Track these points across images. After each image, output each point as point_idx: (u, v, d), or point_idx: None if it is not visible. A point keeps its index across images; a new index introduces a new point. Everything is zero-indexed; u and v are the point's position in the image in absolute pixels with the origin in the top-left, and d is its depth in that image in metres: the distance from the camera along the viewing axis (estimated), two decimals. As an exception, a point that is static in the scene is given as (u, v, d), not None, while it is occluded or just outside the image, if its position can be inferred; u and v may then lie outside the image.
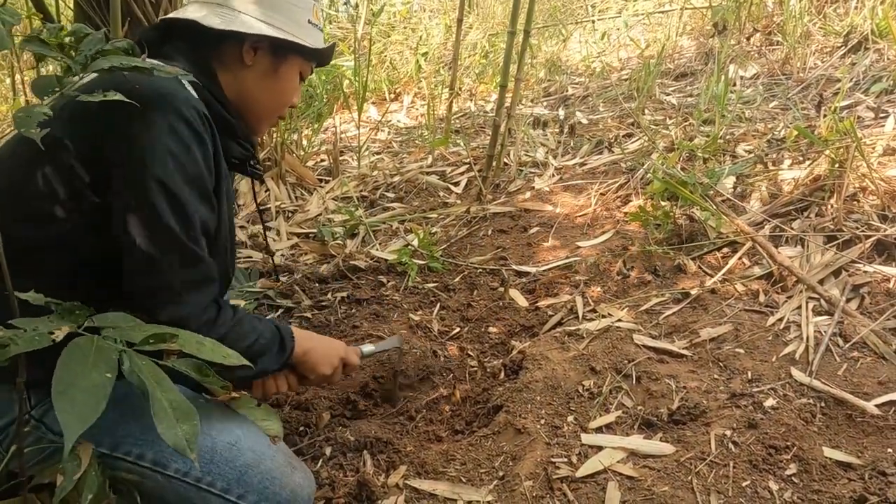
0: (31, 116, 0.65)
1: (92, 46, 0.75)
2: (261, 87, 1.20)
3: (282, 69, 1.20)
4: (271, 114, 1.25)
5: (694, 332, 1.63)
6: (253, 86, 1.19)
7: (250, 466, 1.04)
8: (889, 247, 1.75)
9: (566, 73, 4.30)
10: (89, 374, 0.59)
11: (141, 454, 1.01)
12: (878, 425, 1.27)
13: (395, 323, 1.96)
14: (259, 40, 1.16)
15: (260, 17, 1.16)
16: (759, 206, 2.09)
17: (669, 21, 4.39)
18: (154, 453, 1.02)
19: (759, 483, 1.19)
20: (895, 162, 2.06)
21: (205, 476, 1.01)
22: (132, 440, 1.02)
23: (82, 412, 0.57)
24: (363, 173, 3.24)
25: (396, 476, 1.36)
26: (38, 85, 0.72)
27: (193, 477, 1.01)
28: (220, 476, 1.02)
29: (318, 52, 1.24)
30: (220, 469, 1.02)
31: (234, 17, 1.14)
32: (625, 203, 2.41)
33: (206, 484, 1.02)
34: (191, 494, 1.01)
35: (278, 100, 1.24)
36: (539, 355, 1.62)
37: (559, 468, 1.28)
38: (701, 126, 2.84)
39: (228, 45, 1.15)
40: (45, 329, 0.62)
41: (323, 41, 1.25)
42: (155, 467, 1.01)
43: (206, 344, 0.68)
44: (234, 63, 1.16)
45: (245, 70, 1.17)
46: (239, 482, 1.03)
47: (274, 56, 1.19)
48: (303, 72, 1.25)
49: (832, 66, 3.19)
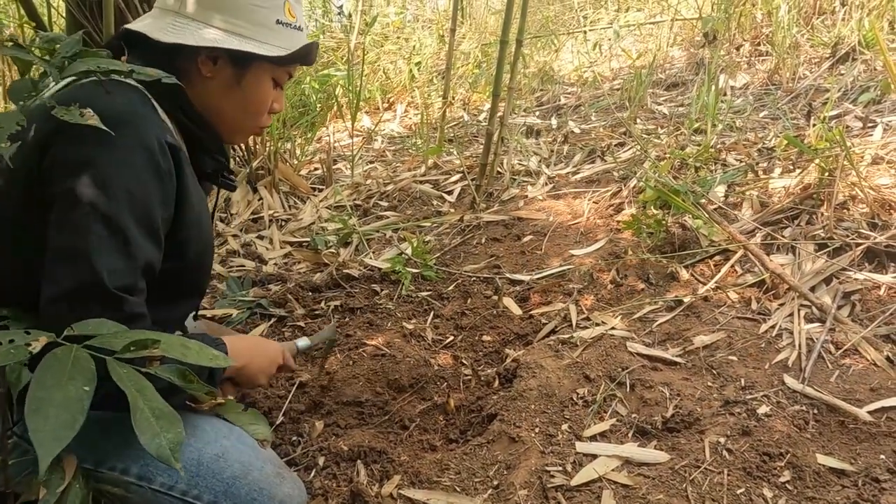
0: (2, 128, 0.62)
1: (69, 49, 0.73)
2: (226, 99, 1.10)
3: (246, 80, 1.09)
4: (244, 124, 1.15)
5: (687, 340, 1.64)
6: (218, 98, 1.09)
7: (238, 478, 1.01)
8: (879, 254, 1.76)
9: (559, 83, 4.33)
10: (66, 387, 0.57)
11: (125, 468, 0.99)
12: (871, 432, 1.28)
13: (388, 331, 1.95)
14: (213, 51, 1.05)
15: (218, 24, 1.05)
16: (750, 214, 2.11)
17: (660, 32, 4.43)
18: (139, 467, 0.99)
19: (753, 490, 1.19)
20: (884, 170, 2.08)
21: (191, 489, 0.99)
22: (116, 454, 0.99)
23: (57, 430, 0.55)
24: (357, 182, 3.24)
25: (390, 486, 1.35)
26: (14, 89, 0.69)
27: (179, 490, 0.99)
28: (207, 489, 1.00)
29: (291, 56, 1.10)
30: (206, 482, 1.00)
31: (185, 28, 1.04)
32: (617, 211, 2.42)
33: (193, 497, 1.00)
34: None
35: (249, 110, 1.13)
36: (533, 363, 1.62)
37: (554, 477, 1.28)
38: (692, 135, 2.86)
39: (183, 57, 1.05)
40: (21, 341, 0.60)
41: (301, 39, 1.12)
42: (140, 482, 0.99)
43: (192, 347, 0.66)
44: (194, 76, 1.07)
45: (207, 82, 1.08)
46: (226, 495, 1.00)
47: (235, 66, 1.08)
48: (277, 77, 1.13)
49: (821, 76, 3.23)
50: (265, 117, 1.16)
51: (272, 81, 1.13)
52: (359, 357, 1.82)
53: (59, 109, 0.68)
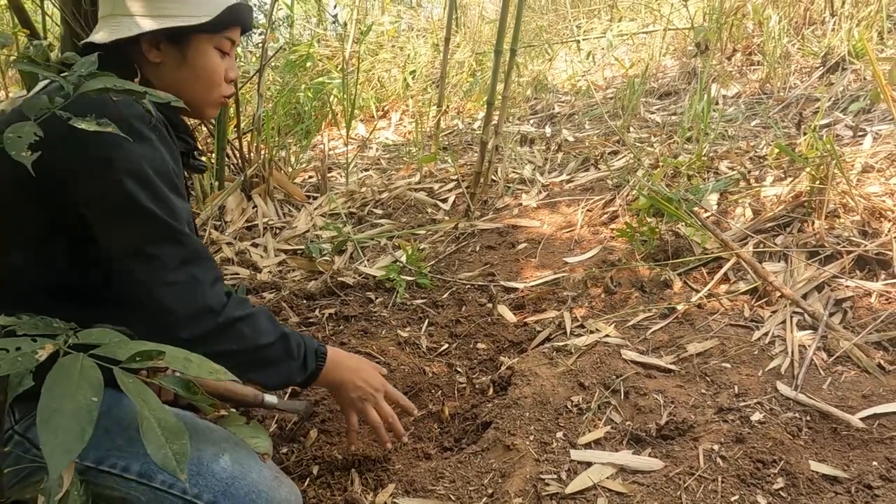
0: (22, 137, 0.64)
1: (85, 67, 0.75)
2: (181, 78, 1.16)
3: (190, 54, 1.14)
4: (206, 97, 1.20)
5: (681, 347, 1.64)
6: (173, 79, 1.15)
7: (237, 479, 1.04)
8: (870, 262, 1.78)
9: (552, 92, 4.36)
10: (75, 397, 0.58)
11: (126, 466, 1.01)
12: (863, 438, 1.29)
13: (383, 339, 1.95)
14: (152, 36, 1.12)
15: (147, 11, 1.11)
16: (742, 222, 2.12)
17: (653, 41, 4.47)
18: (140, 465, 1.01)
19: (747, 497, 1.19)
20: (874, 179, 2.10)
21: (191, 488, 1.01)
22: (117, 453, 1.01)
23: (67, 442, 0.55)
24: (351, 190, 3.24)
25: (384, 495, 1.35)
26: (28, 106, 0.71)
27: (180, 489, 1.01)
28: (207, 488, 1.02)
29: (222, 21, 1.14)
30: (206, 481, 1.02)
31: (120, 25, 1.11)
32: (611, 219, 2.43)
33: (193, 496, 1.02)
34: None
35: (205, 83, 1.18)
36: (527, 371, 1.62)
37: (548, 485, 1.28)
38: (685, 144, 2.89)
39: (130, 51, 1.12)
40: (28, 349, 0.61)
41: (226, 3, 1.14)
42: (141, 479, 1.01)
43: (193, 360, 0.67)
44: (146, 65, 1.14)
45: (159, 67, 1.14)
46: (225, 495, 1.02)
47: (176, 45, 1.13)
48: (219, 46, 1.17)
49: (811, 85, 3.27)
50: (224, 87, 1.21)
51: (217, 52, 1.18)
52: (353, 365, 1.82)
53: (76, 120, 0.71)
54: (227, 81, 1.22)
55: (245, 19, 1.20)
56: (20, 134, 0.64)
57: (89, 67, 0.75)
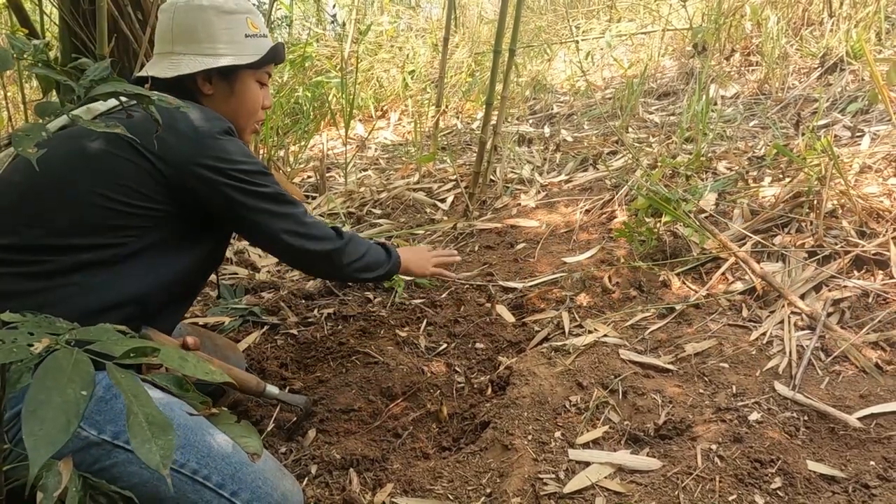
0: (29, 136, 0.65)
1: (97, 73, 0.76)
2: (228, 107, 1.39)
3: (237, 87, 1.39)
4: (247, 123, 1.45)
5: (679, 347, 1.65)
6: (222, 108, 1.37)
7: (245, 464, 1.09)
8: (867, 262, 1.78)
9: (551, 92, 4.36)
10: (64, 390, 0.58)
11: None
12: (861, 438, 1.29)
13: (381, 339, 1.95)
14: (206, 73, 1.34)
15: (200, 52, 1.34)
16: (740, 222, 2.13)
17: (652, 42, 4.48)
18: None
19: (744, 497, 1.20)
20: (872, 179, 2.11)
21: (201, 469, 1.05)
22: None
23: (51, 434, 0.56)
24: (350, 190, 3.24)
25: (383, 494, 1.35)
26: (41, 108, 0.72)
27: (190, 469, 1.05)
28: (216, 470, 1.06)
29: (263, 59, 1.39)
30: (216, 463, 1.07)
31: (180, 63, 1.33)
32: (610, 219, 2.43)
33: (202, 477, 1.05)
34: (186, 488, 1.04)
35: (247, 111, 1.43)
36: (526, 371, 1.62)
37: (547, 484, 1.28)
38: (683, 144, 2.89)
39: (187, 84, 1.34)
40: (24, 341, 0.61)
41: (267, 44, 1.41)
42: None
43: (189, 359, 0.67)
44: (199, 96, 1.36)
45: (211, 98, 1.37)
46: (233, 478, 1.07)
47: (226, 80, 1.37)
48: (259, 79, 1.42)
49: (809, 86, 3.27)
50: (260, 113, 1.47)
51: (257, 84, 1.43)
52: (351, 365, 1.82)
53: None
54: (263, 108, 1.46)
55: (282, 56, 1.45)
56: (28, 133, 0.64)
57: (101, 73, 0.75)
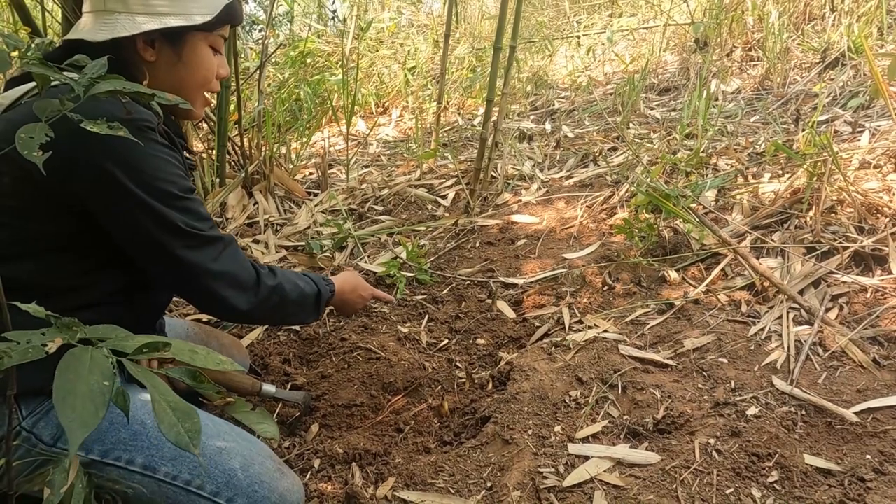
0: (33, 137, 0.65)
1: (95, 70, 0.77)
2: (175, 76, 1.16)
3: (185, 53, 1.15)
4: (197, 95, 1.21)
5: (678, 343, 1.66)
6: (167, 77, 1.15)
7: (239, 470, 1.06)
8: (866, 258, 1.79)
9: (552, 88, 4.37)
10: (87, 380, 0.60)
11: (131, 459, 1.03)
12: (857, 432, 1.30)
13: (383, 335, 1.96)
14: (148, 35, 1.11)
15: (142, 9, 1.10)
16: (740, 218, 2.14)
17: (653, 37, 4.48)
18: (144, 458, 1.03)
19: (742, 490, 1.21)
20: (871, 175, 2.11)
21: (194, 479, 1.04)
22: (122, 446, 1.03)
23: (84, 417, 0.58)
24: (352, 186, 3.25)
25: (385, 488, 1.37)
26: (40, 108, 0.72)
27: (183, 480, 1.04)
28: (210, 479, 1.04)
29: (217, 20, 1.16)
30: (209, 472, 1.04)
31: (115, 23, 1.09)
32: (610, 215, 2.44)
33: (196, 487, 1.04)
34: (180, 499, 1.03)
35: (198, 80, 1.19)
36: (526, 366, 1.64)
37: (546, 478, 1.30)
38: (684, 140, 2.90)
39: (124, 50, 1.10)
40: (38, 341, 0.63)
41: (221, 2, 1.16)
42: (145, 471, 1.03)
43: (199, 352, 0.69)
44: (140, 63, 1.13)
45: (153, 66, 1.14)
46: (228, 485, 1.05)
47: (171, 44, 1.14)
48: (213, 44, 1.19)
49: (811, 81, 3.27)
50: (213, 83, 1.23)
51: (210, 49, 1.19)
52: (353, 360, 1.84)
53: (88, 123, 0.72)
54: (218, 79, 1.23)
55: (239, 16, 1.22)
56: (32, 135, 0.65)
57: (100, 70, 0.76)
